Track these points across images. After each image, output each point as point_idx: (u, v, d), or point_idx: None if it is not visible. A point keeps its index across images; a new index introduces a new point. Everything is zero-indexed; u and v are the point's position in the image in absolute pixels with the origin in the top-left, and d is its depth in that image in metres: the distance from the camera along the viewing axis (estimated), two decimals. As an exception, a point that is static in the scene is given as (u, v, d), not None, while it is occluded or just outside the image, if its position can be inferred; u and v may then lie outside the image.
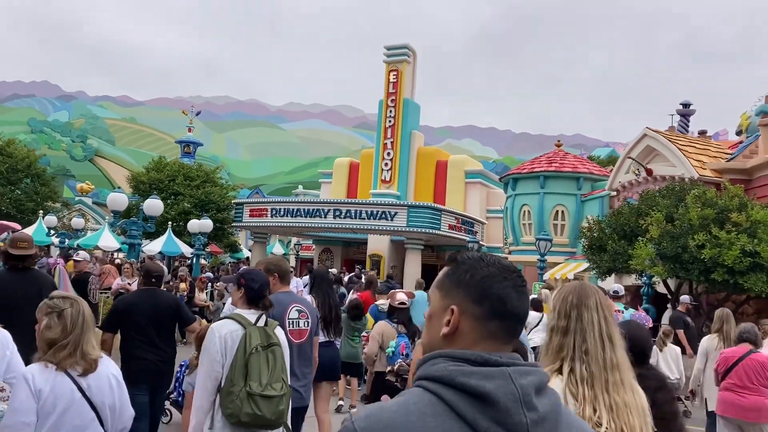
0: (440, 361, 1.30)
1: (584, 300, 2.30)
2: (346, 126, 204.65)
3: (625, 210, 14.56)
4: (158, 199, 16.89)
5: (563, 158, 24.79)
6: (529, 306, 1.44)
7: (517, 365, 1.29)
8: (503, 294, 1.35)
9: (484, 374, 1.25)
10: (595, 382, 2.16)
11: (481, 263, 1.39)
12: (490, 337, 1.35)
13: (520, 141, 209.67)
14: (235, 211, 31.97)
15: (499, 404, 1.21)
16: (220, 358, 3.66)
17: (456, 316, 1.36)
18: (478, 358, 1.28)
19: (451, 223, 28.55)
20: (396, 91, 34.81)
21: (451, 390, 1.24)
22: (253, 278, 4.00)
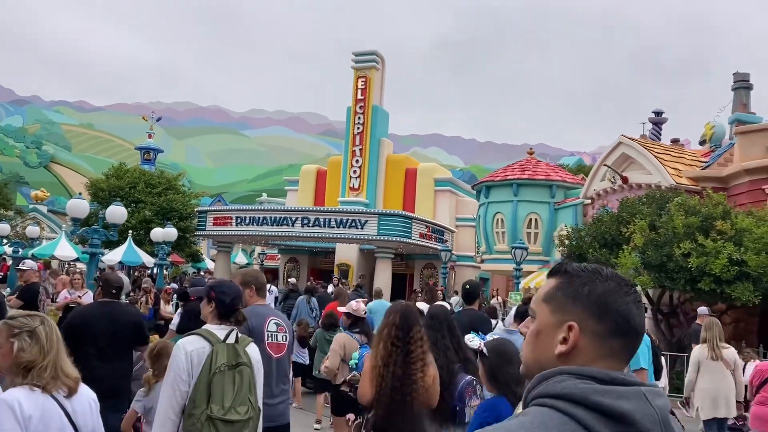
0: (566, 378, 1.22)
1: None
2: (310, 133, 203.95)
3: (606, 218, 14.37)
4: (121, 206, 16.31)
5: (536, 166, 24.70)
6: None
7: (647, 385, 1.22)
8: (626, 310, 1.30)
9: (619, 393, 1.17)
10: None
11: (600, 276, 1.33)
12: (611, 356, 1.29)
13: (485, 150, 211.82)
14: (198, 219, 31.32)
15: (638, 425, 1.14)
16: (186, 377, 3.42)
17: (576, 334, 1.29)
18: (605, 376, 1.21)
19: (422, 232, 28.29)
20: (364, 97, 34.52)
21: (584, 409, 1.15)
22: (224, 291, 3.74)
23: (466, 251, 32.03)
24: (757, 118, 18.25)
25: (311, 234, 27.58)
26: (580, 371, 1.23)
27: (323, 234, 27.36)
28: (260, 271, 5.38)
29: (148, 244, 30.98)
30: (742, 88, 27.88)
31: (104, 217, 22.86)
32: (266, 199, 49.24)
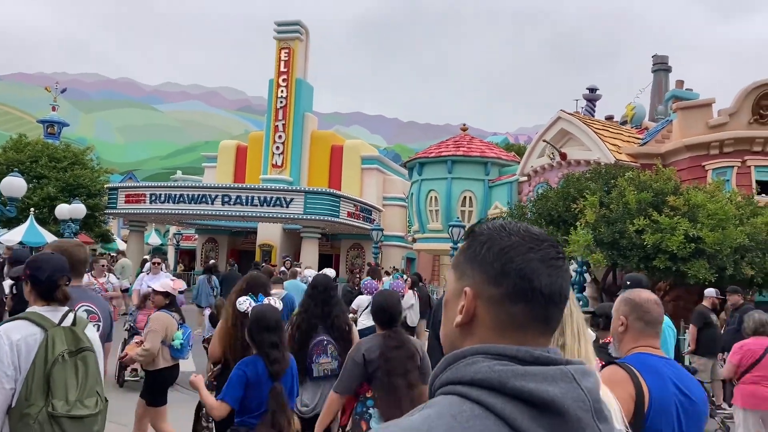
0: (479, 360, 1.04)
1: None
2: (227, 109, 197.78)
3: (552, 194, 13.86)
4: (19, 177, 14.72)
5: (470, 142, 24.14)
6: (568, 288, 1.13)
7: (569, 363, 1.05)
8: (528, 269, 1.08)
9: (543, 375, 1.00)
10: None
11: (502, 233, 1.13)
12: (517, 327, 1.10)
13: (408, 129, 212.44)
14: (108, 196, 29.53)
15: (567, 414, 0.97)
16: (12, 371, 2.93)
17: (470, 300, 1.12)
18: (527, 355, 1.03)
19: (350, 211, 27.60)
20: (288, 70, 33.33)
21: (503, 397, 0.98)
22: (40, 266, 3.17)
23: (394, 231, 31.55)
24: (694, 95, 18.30)
25: (232, 213, 26.39)
26: (496, 350, 1.04)
27: (245, 213, 26.22)
28: (80, 243, 4.28)
29: (52, 224, 28.78)
30: (661, 70, 28.57)
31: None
32: (181, 176, 47.06)
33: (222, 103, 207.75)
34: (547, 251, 1.11)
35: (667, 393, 2.44)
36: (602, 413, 1.04)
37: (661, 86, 28.40)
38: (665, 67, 28.73)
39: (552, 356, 1.05)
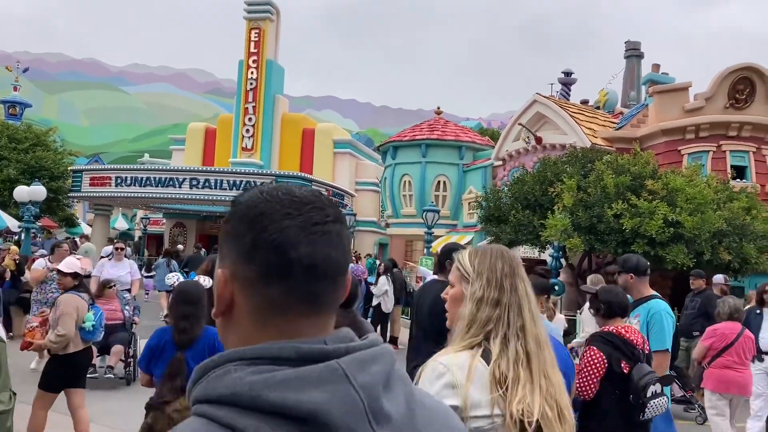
0: (233, 369, 0.86)
1: (517, 269, 2.12)
2: (197, 91, 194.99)
3: (528, 178, 13.67)
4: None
5: (445, 126, 23.87)
6: (343, 257, 0.95)
7: (351, 350, 0.89)
8: (281, 238, 0.91)
9: (305, 380, 0.84)
10: (532, 361, 1.94)
11: (259, 198, 0.95)
12: (279, 313, 0.92)
13: (380, 114, 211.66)
14: (72, 179, 28.58)
15: (332, 424, 0.82)
16: None
17: (222, 285, 0.95)
18: (291, 353, 0.87)
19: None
20: (258, 50, 32.61)
21: (257, 416, 0.82)
22: None
23: (367, 216, 31.24)
24: (670, 79, 18.25)
25: (200, 196, 25.77)
26: (253, 353, 0.87)
27: (214, 196, 25.61)
28: None
29: (13, 207, 27.87)
30: (634, 56, 28.64)
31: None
32: (148, 160, 46.06)
33: (191, 85, 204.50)
34: (310, 215, 0.93)
35: None
36: (382, 413, 0.88)
37: (633, 72, 28.49)
38: (638, 53, 28.82)
39: (325, 347, 0.88)
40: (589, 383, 3.58)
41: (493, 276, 2.07)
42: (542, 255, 16.02)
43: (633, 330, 3.75)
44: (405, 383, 0.96)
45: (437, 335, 4.14)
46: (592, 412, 3.61)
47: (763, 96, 15.59)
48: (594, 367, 3.59)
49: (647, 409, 3.39)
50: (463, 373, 1.86)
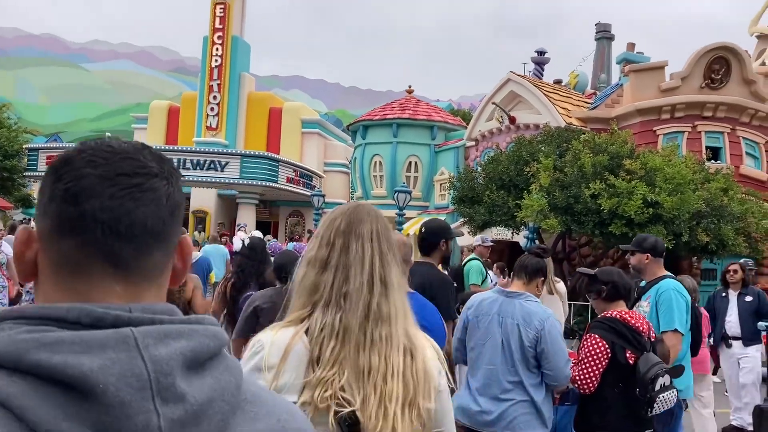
0: (7, 327, 0.78)
1: (356, 226, 1.69)
2: (160, 69, 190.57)
3: (503, 158, 13.37)
4: None
5: (417, 105, 23.44)
6: (156, 217, 0.84)
7: (158, 322, 0.80)
8: (76, 187, 0.82)
9: (85, 344, 0.75)
10: (349, 337, 1.59)
11: (72, 149, 0.86)
12: (73, 270, 0.83)
13: (349, 95, 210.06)
14: (28, 158, 27.66)
15: (103, 396, 0.72)
16: None
17: (22, 243, 0.86)
18: (81, 315, 0.77)
19: (290, 176, 26.72)
20: (223, 27, 31.77)
21: (16, 376, 0.73)
22: None
23: (336, 198, 30.79)
24: (645, 58, 18.09)
25: (163, 176, 24.94)
26: (37, 312, 0.78)
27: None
28: None
29: (-37, 188, 26.86)
30: (604, 38, 28.60)
31: None
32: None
33: (154, 63, 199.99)
34: (119, 165, 0.82)
35: None
36: (173, 391, 0.76)
37: (603, 54, 28.48)
38: (608, 35, 28.80)
39: (123, 315, 0.77)
40: (590, 375, 3.26)
41: (326, 234, 1.74)
42: (515, 237, 15.82)
43: (638, 316, 3.42)
44: (232, 373, 0.85)
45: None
46: (593, 406, 3.31)
47: (738, 76, 15.52)
48: (596, 356, 3.26)
49: (656, 404, 3.07)
50: (280, 352, 1.56)
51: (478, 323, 3.39)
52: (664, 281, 4.26)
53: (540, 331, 3.20)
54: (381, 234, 1.71)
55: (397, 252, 1.72)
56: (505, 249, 18.22)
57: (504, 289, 3.47)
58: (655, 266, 4.42)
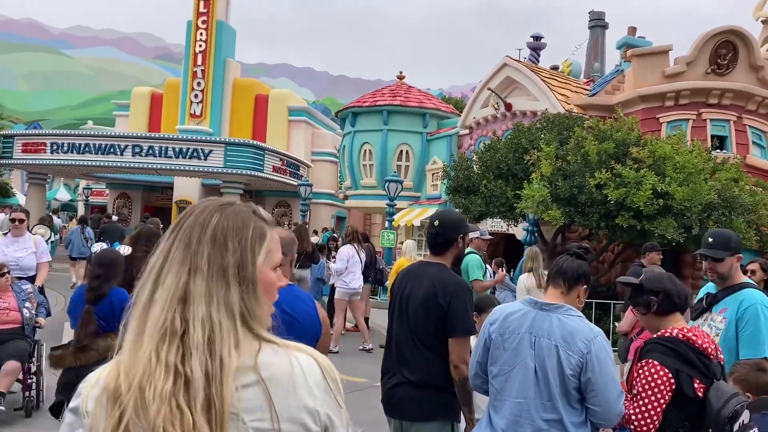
0: None
1: (183, 222, 1.37)
2: (144, 56, 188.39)
3: (501, 146, 12.72)
4: None
5: (408, 92, 22.70)
6: None
7: None
8: None
9: None
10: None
11: None
12: None
13: (338, 83, 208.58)
14: (3, 144, 26.77)
15: None
16: None
17: None
18: None
19: (276, 165, 26.03)
20: (208, 10, 31.01)
21: None
22: None
23: (323, 188, 30.19)
24: (647, 43, 17.46)
25: (144, 165, 24.37)
26: None
27: (159, 165, 24.23)
28: None
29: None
30: (598, 27, 28.08)
31: None
32: (92, 126, 43.98)
33: (138, 50, 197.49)
34: None
35: None
36: None
37: (597, 43, 28.00)
38: (602, 23, 28.32)
39: None
40: (650, 412, 2.57)
41: None
42: (512, 229, 15.21)
43: (702, 333, 2.73)
44: None
45: (434, 339, 3.23)
46: (654, 451, 2.57)
47: (745, 62, 14.94)
48: (656, 389, 2.57)
49: None
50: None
51: (504, 343, 2.71)
52: (748, 292, 3.49)
53: (585, 354, 2.52)
54: (190, 228, 1.32)
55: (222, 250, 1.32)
56: (501, 242, 17.63)
57: (536, 299, 2.77)
58: (737, 270, 3.66)
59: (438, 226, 3.47)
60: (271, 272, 1.36)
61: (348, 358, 9.90)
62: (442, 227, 3.46)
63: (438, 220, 3.51)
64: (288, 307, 2.93)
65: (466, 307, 3.27)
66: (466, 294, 3.32)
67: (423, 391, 3.25)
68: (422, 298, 3.32)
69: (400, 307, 3.47)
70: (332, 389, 1.32)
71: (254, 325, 1.28)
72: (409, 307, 3.38)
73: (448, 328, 3.23)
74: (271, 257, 1.36)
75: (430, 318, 3.27)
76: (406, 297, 3.43)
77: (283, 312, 3.14)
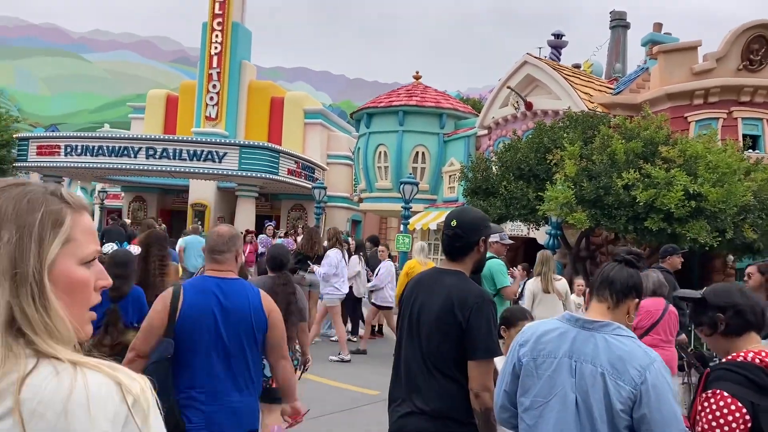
0: None
1: None
2: (162, 60, 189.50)
3: (522, 145, 12.22)
4: None
5: (424, 92, 22.22)
6: None
7: None
8: None
9: None
10: None
11: None
12: None
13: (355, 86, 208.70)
14: (18, 147, 26.79)
15: None
16: None
17: None
18: None
19: (291, 168, 25.72)
20: (223, 12, 30.85)
21: None
22: None
23: (339, 191, 29.85)
24: (673, 39, 16.89)
25: (158, 167, 24.19)
26: None
27: (173, 168, 24.01)
28: None
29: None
30: (619, 26, 27.56)
31: None
32: (108, 130, 43.94)
33: (156, 53, 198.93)
34: None
35: (204, 303, 3.16)
36: None
37: (618, 43, 27.55)
38: (623, 23, 27.83)
39: None
40: None
41: None
42: (533, 233, 14.69)
43: None
44: None
45: (451, 363, 2.74)
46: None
47: (778, 58, 14.33)
48: (727, 426, 2.04)
49: None
50: None
51: (537, 369, 2.23)
52: None
53: (639, 385, 2.04)
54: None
55: None
56: (521, 247, 17.10)
57: (577, 315, 2.27)
58: None
59: (456, 227, 2.94)
60: (80, 269, 1.09)
61: (362, 367, 9.47)
62: (460, 228, 2.93)
63: (455, 220, 2.97)
64: (224, 298, 3.16)
65: (489, 324, 2.76)
66: (489, 308, 2.80)
67: (439, 424, 2.74)
68: (436, 314, 2.80)
69: (410, 324, 2.94)
70: (137, 421, 1.01)
71: (35, 338, 1.00)
72: (421, 324, 2.87)
73: (468, 348, 2.73)
74: (75, 249, 1.09)
75: (445, 338, 2.76)
76: (417, 312, 2.90)
77: (219, 303, 3.15)
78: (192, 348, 3.11)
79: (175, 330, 3.09)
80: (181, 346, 3.10)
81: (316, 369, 7.78)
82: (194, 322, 3.10)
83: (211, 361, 3.12)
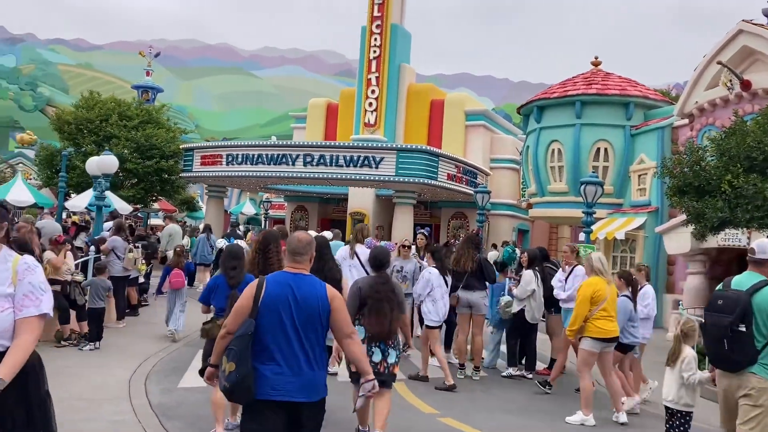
0: None
1: None
2: (327, 73, 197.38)
3: (754, 128, 9.54)
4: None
5: (606, 78, 19.46)
6: None
7: None
8: None
9: None
10: None
11: None
12: None
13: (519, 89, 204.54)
14: (184, 158, 27.70)
15: None
16: None
17: None
18: None
19: (451, 173, 24.24)
20: (382, 14, 30.31)
21: None
22: None
23: (503, 198, 28.05)
24: None
25: (315, 174, 23.77)
26: None
27: (329, 174, 23.45)
28: None
29: (126, 188, 27.18)
30: None
31: (69, 155, 22.49)
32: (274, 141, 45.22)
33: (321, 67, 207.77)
34: None
35: (281, 292, 3.85)
36: None
37: None
38: None
39: None
40: None
41: None
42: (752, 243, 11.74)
43: None
44: None
45: None
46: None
47: None
48: None
49: None
50: None
51: None
52: None
53: None
54: None
55: None
56: (734, 260, 14.06)
57: None
58: None
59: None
60: None
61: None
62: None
63: None
64: (297, 289, 3.87)
65: None
66: None
67: None
68: None
69: None
70: None
71: None
72: None
73: None
74: None
75: None
76: None
77: (292, 293, 3.90)
78: (271, 329, 3.77)
79: (258, 312, 3.77)
80: (263, 326, 3.76)
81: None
82: (273, 307, 3.77)
83: (286, 339, 3.77)
